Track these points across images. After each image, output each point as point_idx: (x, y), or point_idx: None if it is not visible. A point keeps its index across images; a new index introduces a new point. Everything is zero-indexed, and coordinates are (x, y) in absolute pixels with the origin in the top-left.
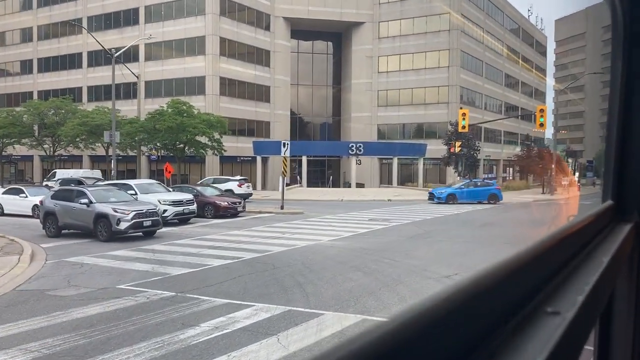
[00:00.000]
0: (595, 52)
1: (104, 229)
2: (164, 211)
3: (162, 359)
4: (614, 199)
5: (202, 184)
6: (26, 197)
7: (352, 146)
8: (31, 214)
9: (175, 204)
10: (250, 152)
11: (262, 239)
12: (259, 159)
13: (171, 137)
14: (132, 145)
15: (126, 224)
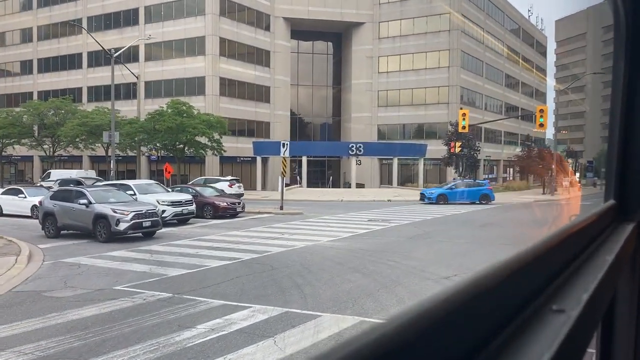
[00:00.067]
0: (595, 52)
1: (103, 230)
2: (163, 211)
3: None
4: (616, 198)
5: (194, 184)
6: (25, 197)
7: (352, 146)
8: (30, 215)
9: (174, 204)
10: (250, 152)
11: (260, 239)
12: (259, 160)
13: (171, 137)
14: (132, 145)
15: (125, 224)
